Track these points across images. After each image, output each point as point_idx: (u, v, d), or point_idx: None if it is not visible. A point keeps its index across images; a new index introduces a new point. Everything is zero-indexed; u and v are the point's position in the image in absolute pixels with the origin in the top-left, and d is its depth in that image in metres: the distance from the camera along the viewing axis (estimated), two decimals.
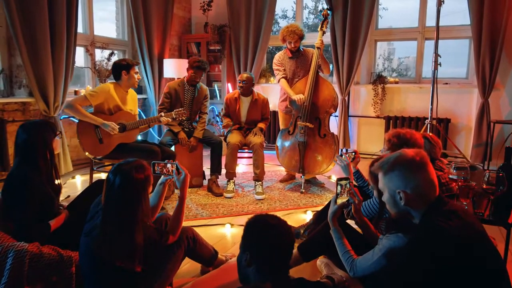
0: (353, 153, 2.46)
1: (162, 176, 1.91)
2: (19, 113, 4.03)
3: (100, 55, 5.05)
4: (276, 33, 5.91)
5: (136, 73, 3.21)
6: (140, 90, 5.60)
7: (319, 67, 3.84)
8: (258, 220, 1.33)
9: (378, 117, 5.21)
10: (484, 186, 1.81)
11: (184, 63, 5.35)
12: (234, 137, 3.77)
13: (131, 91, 3.37)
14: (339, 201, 1.79)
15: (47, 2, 3.82)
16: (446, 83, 4.88)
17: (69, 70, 4.18)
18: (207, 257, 2.00)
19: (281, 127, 4.06)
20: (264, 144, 3.81)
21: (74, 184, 4.05)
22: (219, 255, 2.10)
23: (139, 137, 4.93)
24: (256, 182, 3.70)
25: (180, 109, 3.41)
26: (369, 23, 4.91)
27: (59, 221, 1.99)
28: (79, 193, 2.36)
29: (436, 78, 4.26)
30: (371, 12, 4.87)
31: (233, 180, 3.75)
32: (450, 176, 1.92)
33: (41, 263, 1.76)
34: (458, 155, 4.55)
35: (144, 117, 4.54)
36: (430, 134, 2.46)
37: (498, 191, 1.78)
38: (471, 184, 1.82)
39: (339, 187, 1.80)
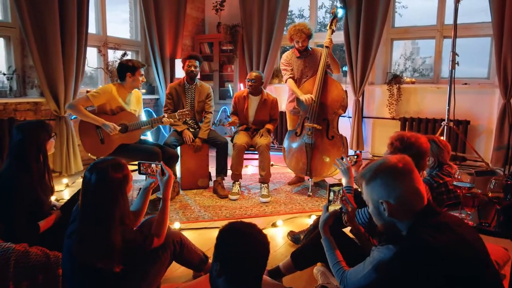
0: (355, 156, 2.34)
1: (145, 181, 1.86)
2: (31, 112, 4.11)
3: (113, 55, 5.10)
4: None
5: (142, 75, 3.19)
6: (152, 90, 5.62)
7: (328, 66, 3.73)
8: (230, 228, 1.26)
9: (393, 118, 5.03)
10: (490, 195, 1.67)
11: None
12: (241, 138, 3.71)
13: (136, 91, 3.36)
14: (331, 208, 1.69)
15: (58, 4, 3.87)
16: (466, 83, 4.65)
17: (80, 71, 4.23)
18: (196, 262, 1.95)
19: (289, 128, 3.97)
20: (274, 145, 3.73)
21: None
22: (210, 260, 2.03)
23: (150, 138, 4.96)
24: (262, 185, 3.62)
25: (184, 109, 3.38)
26: (384, 21, 4.74)
27: (48, 222, 1.98)
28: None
29: (454, 78, 4.06)
30: (386, 10, 4.70)
31: (238, 182, 3.69)
32: (454, 183, 1.79)
33: (27, 263, 1.75)
34: (477, 159, 4.33)
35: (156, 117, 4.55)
36: (439, 137, 2.31)
37: (506, 200, 1.64)
38: (476, 192, 1.68)
39: (331, 193, 1.70)
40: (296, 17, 7.58)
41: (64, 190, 3.77)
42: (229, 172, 3.77)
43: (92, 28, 4.91)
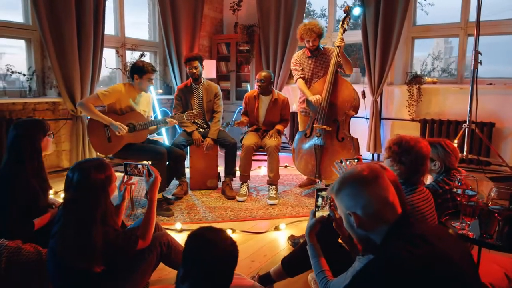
0: (356, 160, 2.25)
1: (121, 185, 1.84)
2: (49, 112, 4.24)
3: (131, 56, 5.18)
4: None
5: (150, 79, 3.18)
6: (169, 90, 5.68)
7: (340, 66, 3.64)
8: (196, 233, 1.22)
9: (413, 120, 4.83)
10: (490, 204, 1.54)
11: (212, 63, 5.36)
12: (249, 139, 3.67)
13: (148, 93, 3.38)
14: (319, 214, 1.62)
15: (74, 7, 3.98)
16: (491, 84, 4.40)
17: (96, 71, 4.33)
18: None
19: (300, 129, 3.89)
20: (290, 146, 3.67)
21: None
22: None
23: (165, 138, 5.01)
24: (270, 186, 3.57)
25: (193, 111, 3.38)
26: (403, 19, 4.57)
27: (44, 220, 2.00)
28: None
29: (476, 77, 3.84)
30: (405, 7, 4.53)
31: (246, 183, 3.65)
32: (454, 190, 1.67)
33: (19, 260, 1.78)
34: (502, 164, 4.08)
35: (161, 119, 4.58)
36: (446, 140, 2.18)
37: (508, 210, 1.51)
38: (475, 201, 1.56)
39: (319, 198, 1.62)
40: (318, 16, 7.46)
41: None
42: (238, 173, 3.73)
43: (111, 30, 5.04)
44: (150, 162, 3.09)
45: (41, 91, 4.27)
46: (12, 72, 3.96)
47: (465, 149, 3.98)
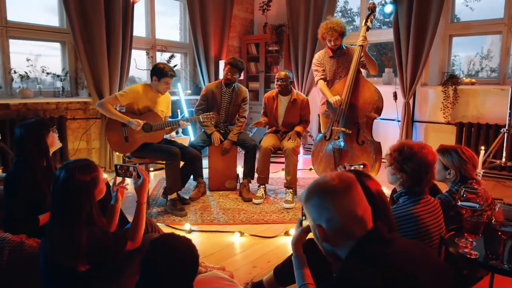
0: (362, 166, 2.12)
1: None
2: (81, 111, 4.44)
3: (160, 57, 5.30)
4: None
5: (167, 83, 3.20)
6: (198, 91, 5.74)
7: (364, 66, 3.48)
8: (158, 239, 1.19)
9: (448, 123, 4.53)
10: (493, 221, 1.37)
11: None
12: (268, 141, 3.61)
13: (167, 93, 3.42)
14: (306, 223, 1.53)
15: (104, 10, 4.13)
16: None
17: (124, 73, 4.47)
18: None
19: (321, 132, 3.77)
20: (308, 149, 3.57)
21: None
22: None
23: (192, 137, 5.07)
24: (287, 190, 3.49)
25: (210, 113, 3.37)
26: (438, 16, 4.29)
27: (48, 216, 2.08)
28: None
29: None
30: (441, 3, 4.25)
31: (263, 186, 3.59)
32: (459, 203, 1.51)
33: (21, 253, 1.86)
34: None
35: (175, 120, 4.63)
36: (463, 147, 1.99)
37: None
38: (480, 217, 1.40)
39: None
40: (355, 14, 7.23)
41: None
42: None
43: (142, 32, 5.18)
44: (164, 162, 3.13)
45: (73, 91, 4.47)
46: (48, 73, 4.18)
47: (504, 155, 3.66)
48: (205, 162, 3.72)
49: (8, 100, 3.84)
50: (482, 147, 2.68)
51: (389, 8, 4.57)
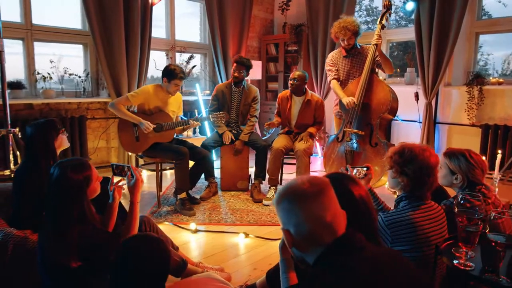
0: (365, 169, 2.05)
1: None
2: (101, 111, 4.57)
3: (180, 58, 5.37)
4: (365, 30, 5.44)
5: (177, 85, 3.23)
6: None
7: (379, 66, 3.38)
8: (127, 242, 1.19)
9: (473, 125, 4.31)
10: (487, 231, 1.28)
11: (258, 64, 5.33)
12: (279, 142, 3.57)
13: (178, 93, 3.46)
14: None
15: (123, 11, 4.23)
16: None
17: (143, 73, 4.56)
18: (171, 267, 1.91)
19: (335, 132, 3.69)
20: (312, 151, 3.51)
21: None
22: (190, 266, 1.99)
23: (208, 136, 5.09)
24: None
25: (220, 112, 3.38)
26: (463, 12, 4.09)
27: None
28: None
29: None
30: (465, 0, 4.05)
31: (274, 187, 3.56)
32: (457, 210, 1.42)
33: (24, 248, 1.92)
34: None
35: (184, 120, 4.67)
36: (472, 150, 1.88)
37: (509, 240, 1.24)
38: (476, 226, 1.31)
39: None
40: (380, 12, 7.04)
41: (119, 183, 4.09)
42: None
43: (162, 33, 5.28)
44: (173, 162, 3.16)
45: (95, 91, 4.61)
46: (70, 74, 4.33)
47: None
48: (217, 162, 3.73)
49: (32, 100, 4.01)
50: (499, 151, 2.52)
51: (410, 6, 4.42)
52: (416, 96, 4.60)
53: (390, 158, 1.69)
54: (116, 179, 1.93)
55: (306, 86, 3.66)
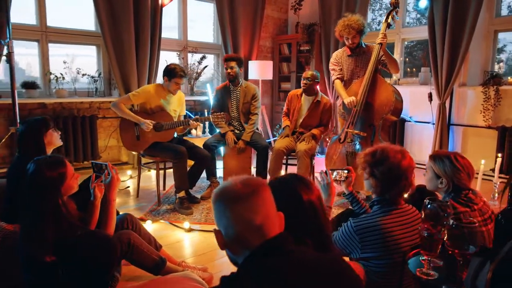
0: (346, 171, 1.99)
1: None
2: (112, 111, 4.64)
3: (192, 59, 5.42)
4: (377, 28, 5.31)
5: (177, 83, 3.27)
6: None
7: (385, 66, 3.28)
8: (80, 236, 1.21)
9: (489, 127, 4.11)
10: (446, 239, 1.20)
11: (269, 64, 5.30)
12: (281, 142, 3.54)
13: (179, 92, 3.50)
14: None
15: (133, 12, 4.32)
16: None
17: (152, 74, 4.64)
18: (149, 265, 1.92)
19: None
20: (314, 152, 3.46)
21: (146, 177, 4.44)
22: (170, 265, 2.00)
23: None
24: None
25: (220, 113, 3.39)
26: (478, 9, 3.91)
27: None
28: None
29: None
30: None
31: None
32: (423, 216, 1.34)
33: (13, 241, 1.99)
34: None
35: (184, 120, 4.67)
36: (458, 153, 1.78)
37: (465, 249, 1.16)
38: (439, 233, 1.23)
39: None
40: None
41: (127, 180, 4.19)
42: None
43: (174, 34, 5.35)
44: (172, 161, 3.20)
45: (107, 91, 4.73)
46: (83, 74, 4.47)
47: None
48: (220, 162, 3.74)
49: (45, 100, 4.16)
50: (499, 154, 2.38)
51: (423, 3, 4.27)
52: (430, 96, 4.44)
53: (363, 159, 1.64)
54: (94, 177, 1.95)
55: (318, 86, 3.63)
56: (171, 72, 3.24)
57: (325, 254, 1.02)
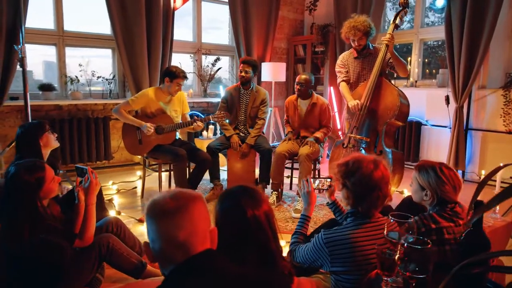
0: (328, 180, 1.93)
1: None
2: None
3: (205, 61, 5.45)
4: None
5: (179, 84, 3.31)
6: None
7: (393, 68, 3.17)
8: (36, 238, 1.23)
9: (509, 132, 3.88)
10: (397, 259, 1.12)
11: (281, 66, 5.26)
12: (283, 146, 3.49)
13: (180, 91, 3.52)
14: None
15: (145, 16, 4.39)
16: None
17: None
18: (129, 269, 1.93)
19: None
20: (317, 156, 3.39)
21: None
22: (150, 268, 2.00)
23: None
24: (299, 198, 3.33)
25: (220, 112, 3.39)
26: (498, 8, 3.70)
27: None
28: None
29: None
30: None
31: (276, 192, 3.48)
32: (386, 234, 1.26)
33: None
34: None
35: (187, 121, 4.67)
36: (444, 164, 1.68)
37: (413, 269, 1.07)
38: (395, 253, 1.15)
39: None
40: (411, 11, 6.63)
41: (136, 180, 4.27)
42: None
43: (189, 36, 5.41)
44: (171, 163, 3.22)
45: (121, 94, 4.85)
46: (98, 77, 4.60)
47: None
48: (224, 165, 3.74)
49: (60, 101, 4.31)
50: (501, 164, 2.22)
51: (440, 2, 4.09)
52: (447, 99, 4.24)
53: (337, 169, 1.58)
54: (78, 180, 1.99)
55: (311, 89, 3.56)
56: (173, 73, 3.28)
57: (261, 271, 0.98)
